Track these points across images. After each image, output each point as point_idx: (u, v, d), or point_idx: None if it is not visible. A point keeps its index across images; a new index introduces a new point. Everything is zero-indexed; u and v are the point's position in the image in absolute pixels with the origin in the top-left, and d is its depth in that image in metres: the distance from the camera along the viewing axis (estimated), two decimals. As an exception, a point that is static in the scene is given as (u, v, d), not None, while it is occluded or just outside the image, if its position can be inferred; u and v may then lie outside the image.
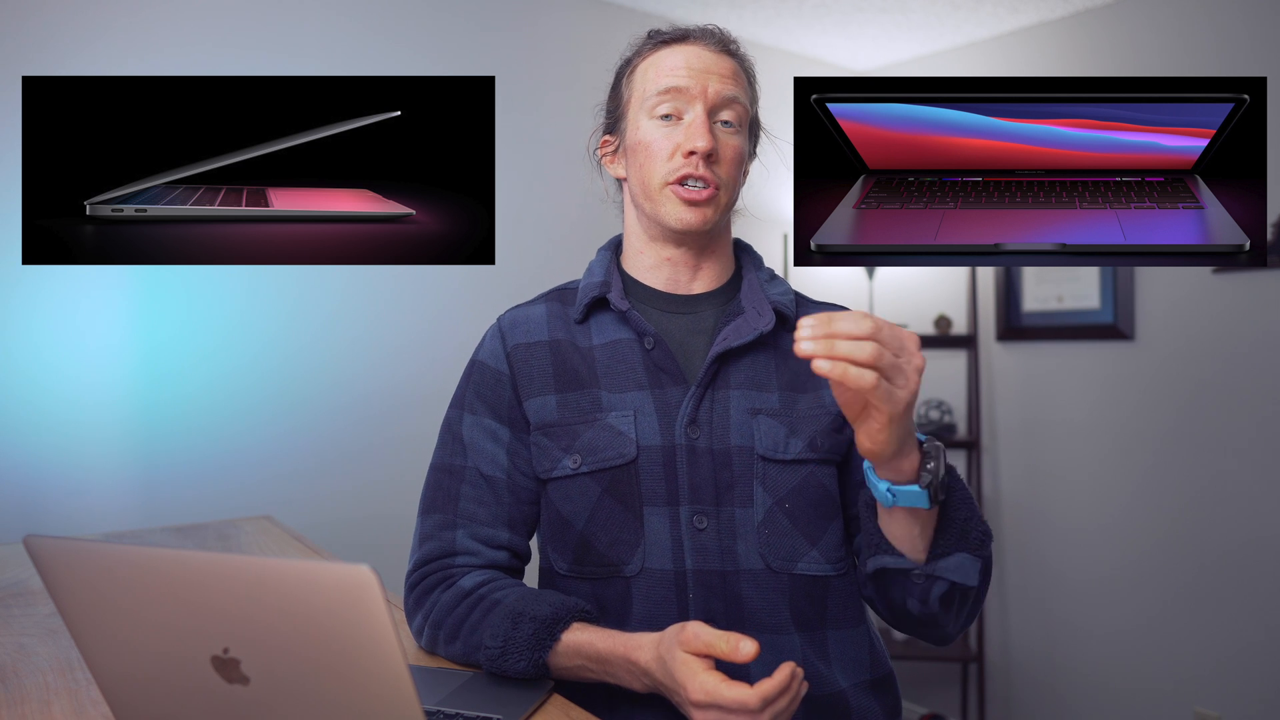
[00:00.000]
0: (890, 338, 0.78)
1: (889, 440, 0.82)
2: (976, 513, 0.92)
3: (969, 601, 0.95)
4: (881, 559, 0.92)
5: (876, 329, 0.77)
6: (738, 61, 1.05)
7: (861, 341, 0.76)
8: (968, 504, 0.92)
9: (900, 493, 0.86)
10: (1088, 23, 2.73)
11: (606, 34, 2.60)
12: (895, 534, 0.91)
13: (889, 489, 0.86)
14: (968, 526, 0.91)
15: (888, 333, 0.78)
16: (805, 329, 0.76)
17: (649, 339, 1.03)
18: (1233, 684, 2.47)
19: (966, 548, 0.91)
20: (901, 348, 0.79)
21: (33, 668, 0.99)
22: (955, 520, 0.90)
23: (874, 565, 0.93)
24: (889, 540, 0.92)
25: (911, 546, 0.91)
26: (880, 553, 0.92)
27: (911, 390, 0.79)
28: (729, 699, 0.78)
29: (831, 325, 0.76)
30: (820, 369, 0.76)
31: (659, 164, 1.01)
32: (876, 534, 0.93)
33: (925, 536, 0.90)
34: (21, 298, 1.87)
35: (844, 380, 0.76)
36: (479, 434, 1.05)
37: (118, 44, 1.96)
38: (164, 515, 1.98)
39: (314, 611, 0.58)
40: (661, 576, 0.98)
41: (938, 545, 0.91)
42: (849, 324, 0.76)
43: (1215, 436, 2.50)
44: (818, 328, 0.76)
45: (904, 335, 0.79)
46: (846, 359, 0.76)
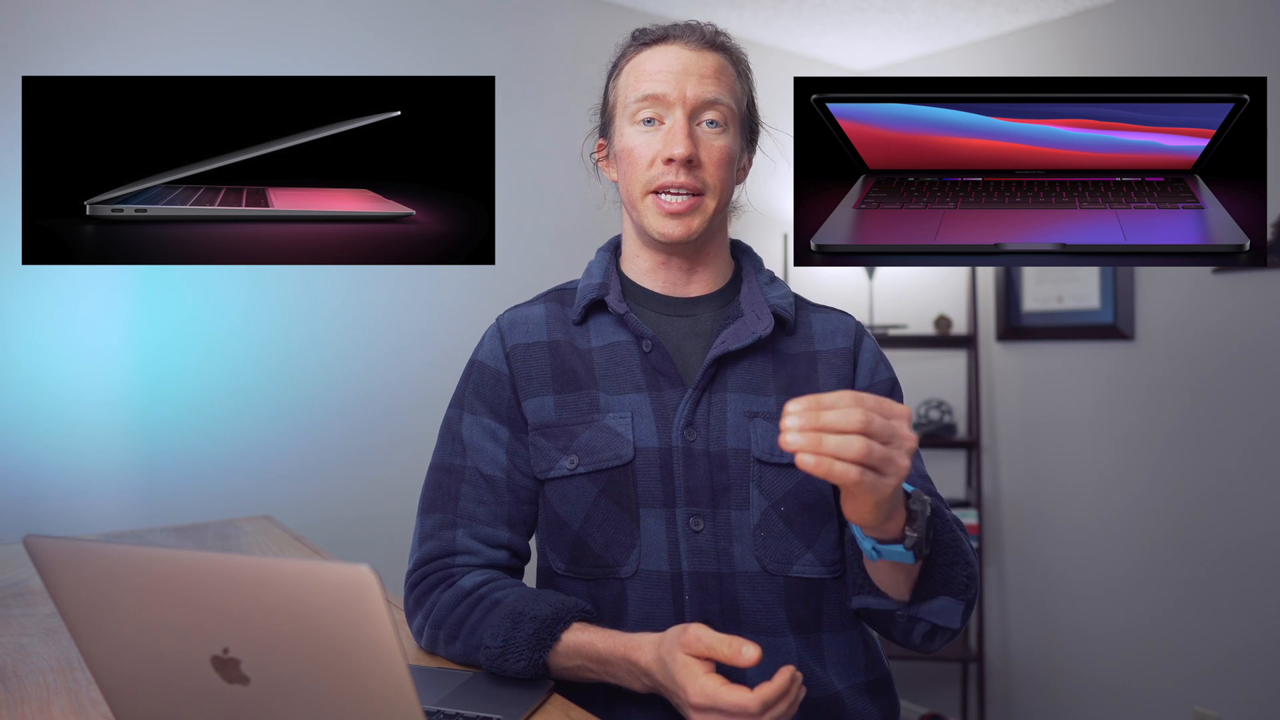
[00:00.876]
0: (881, 428, 0.73)
1: (875, 517, 0.80)
2: (963, 556, 0.92)
3: (951, 635, 0.97)
4: (865, 600, 0.94)
5: (867, 422, 0.72)
6: (724, 55, 1.02)
7: (850, 437, 0.72)
8: (954, 547, 0.91)
9: (885, 550, 0.85)
10: (1088, 23, 2.73)
11: (606, 34, 2.59)
12: (881, 578, 0.92)
13: (874, 547, 0.85)
14: (952, 572, 0.91)
15: (879, 424, 0.73)
16: (791, 417, 0.72)
17: (647, 341, 1.03)
18: (1233, 684, 2.47)
19: (951, 592, 0.91)
20: (893, 435, 0.74)
21: (33, 668, 0.99)
22: (940, 565, 0.91)
23: (857, 604, 0.95)
24: (874, 582, 0.94)
25: (896, 589, 0.92)
26: (864, 593, 0.94)
27: (901, 477, 0.75)
28: (728, 702, 0.78)
29: (820, 418, 0.72)
30: (804, 464, 0.72)
31: (640, 171, 1.00)
32: (861, 575, 0.95)
33: (910, 580, 0.91)
34: (21, 298, 1.87)
35: (828, 478, 0.73)
36: (478, 434, 1.05)
37: (118, 44, 1.96)
38: (164, 515, 1.98)
39: (314, 611, 0.58)
40: (657, 578, 0.98)
41: (921, 588, 0.91)
42: (838, 416, 0.72)
43: (1215, 436, 2.50)
44: (806, 420, 0.72)
45: (896, 421, 0.75)
46: (833, 456, 0.72)
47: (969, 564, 0.93)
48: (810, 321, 1.08)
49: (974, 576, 0.93)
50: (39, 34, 1.88)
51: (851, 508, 0.80)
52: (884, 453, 0.73)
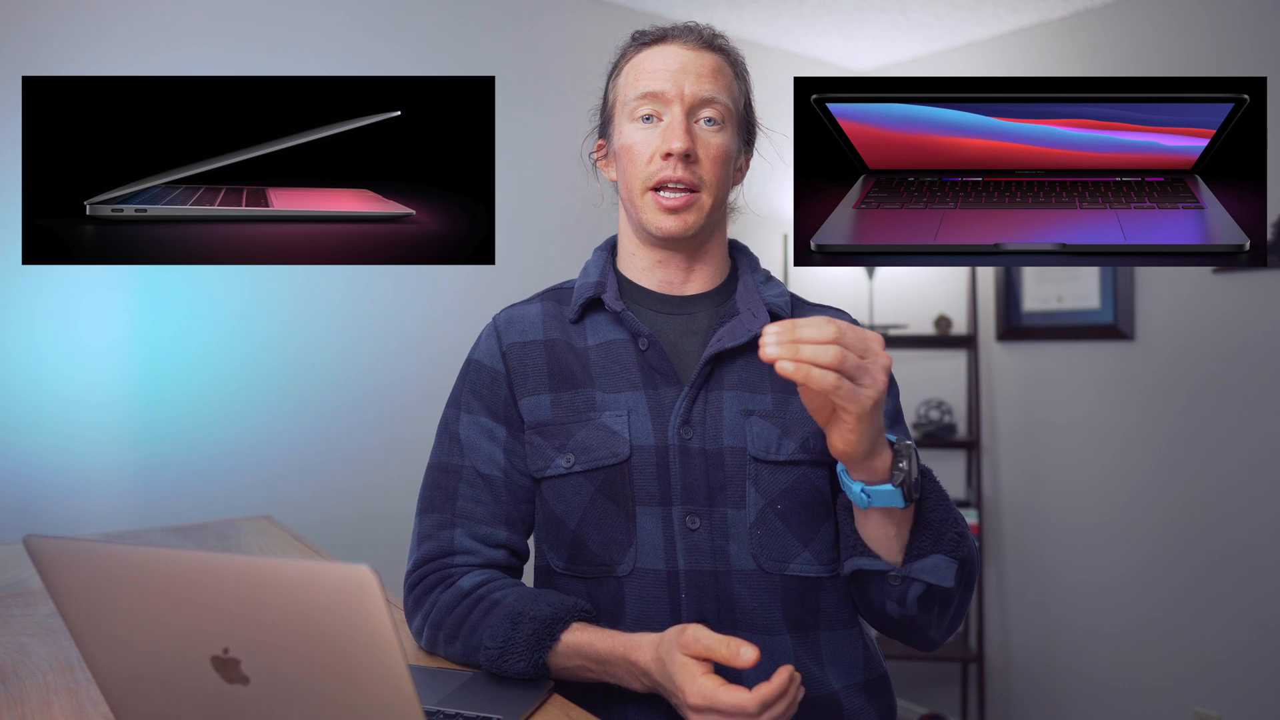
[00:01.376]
0: (854, 340, 0.79)
1: (859, 440, 0.83)
2: (952, 512, 0.93)
3: (950, 605, 0.96)
4: (857, 560, 0.94)
5: (840, 333, 0.78)
6: (722, 56, 1.04)
7: (825, 345, 0.78)
8: (943, 504, 0.92)
9: (874, 492, 0.87)
10: (1088, 23, 2.73)
11: (606, 34, 2.59)
12: (871, 536, 0.92)
13: (863, 489, 0.87)
14: (942, 527, 0.91)
15: (851, 336, 0.79)
16: (770, 334, 0.78)
17: (643, 340, 1.03)
18: (1233, 684, 2.47)
19: (942, 549, 0.91)
20: (866, 349, 0.80)
21: (33, 668, 0.99)
22: (930, 521, 0.91)
23: (850, 567, 0.95)
24: (865, 542, 0.93)
25: (888, 549, 0.92)
26: (856, 555, 0.94)
27: (879, 389, 0.81)
28: (727, 703, 0.78)
29: (796, 331, 0.78)
30: (784, 370, 0.78)
31: (639, 168, 1.02)
32: (853, 536, 0.94)
33: (901, 538, 0.91)
34: (21, 298, 1.87)
35: (807, 381, 0.78)
36: (476, 433, 1.05)
37: (118, 44, 1.96)
38: (164, 515, 1.98)
39: (314, 611, 0.58)
40: (654, 576, 0.98)
41: (913, 547, 0.91)
42: (813, 329, 0.78)
43: (1215, 436, 2.50)
44: (782, 334, 0.78)
45: (868, 337, 0.81)
46: (810, 362, 0.77)
47: (958, 521, 0.93)
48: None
49: (965, 535, 0.93)
50: (39, 34, 1.88)
51: (837, 434, 0.83)
52: (858, 362, 0.79)
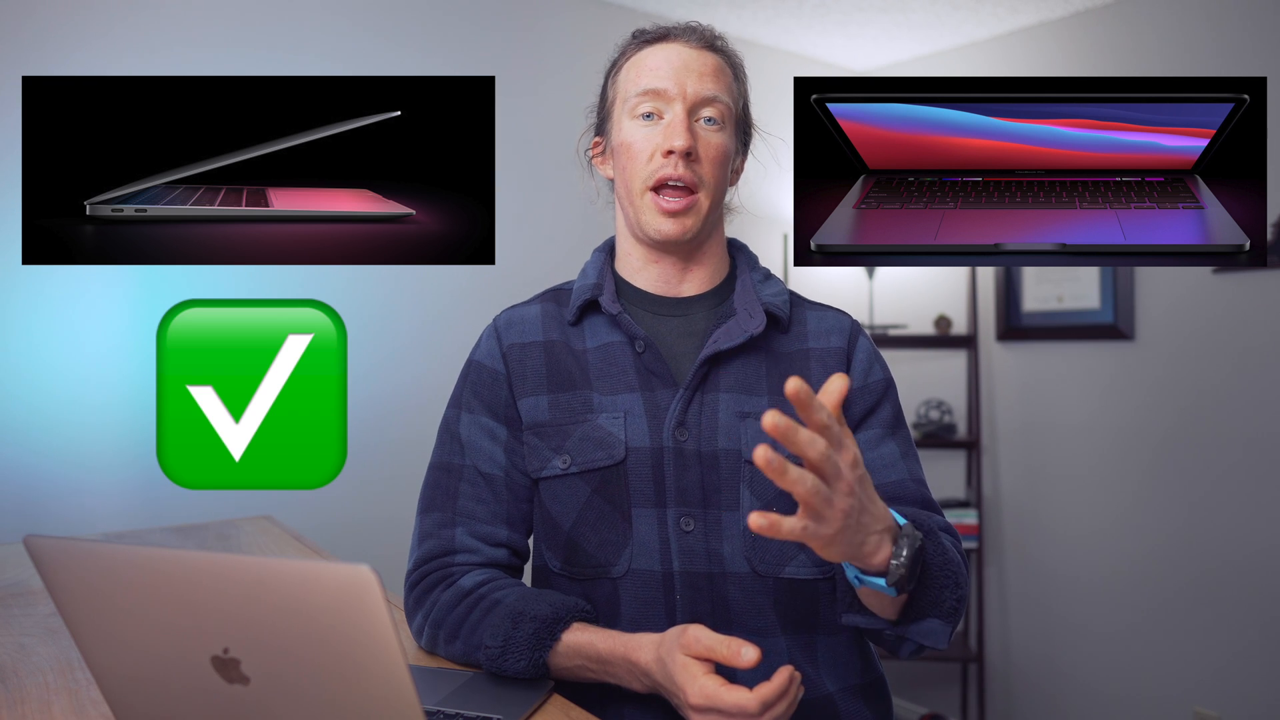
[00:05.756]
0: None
1: (834, 556, 0.77)
2: (954, 579, 0.89)
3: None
4: (853, 618, 0.92)
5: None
6: (722, 58, 1.04)
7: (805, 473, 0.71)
8: (945, 574, 0.89)
9: (867, 581, 0.83)
10: (1088, 23, 2.73)
11: (606, 34, 2.58)
12: (868, 600, 0.90)
13: (856, 575, 0.84)
14: (942, 595, 0.88)
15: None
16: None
17: (640, 342, 1.03)
18: (1232, 684, 2.47)
19: (939, 614, 0.89)
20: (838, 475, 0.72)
21: (33, 668, 0.99)
22: (930, 590, 0.88)
23: (846, 621, 0.93)
24: (861, 600, 0.91)
25: (883, 610, 0.89)
26: (851, 611, 0.92)
27: (834, 526, 0.73)
28: (728, 703, 0.78)
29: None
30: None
31: (640, 165, 1.01)
32: (850, 594, 0.91)
33: (897, 604, 0.88)
34: (21, 298, 1.87)
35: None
36: (477, 432, 1.05)
37: (118, 44, 1.96)
38: (164, 515, 1.98)
39: (314, 611, 0.58)
40: (649, 578, 0.98)
41: (911, 609, 0.89)
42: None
43: (1215, 437, 2.50)
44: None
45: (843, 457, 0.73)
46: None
47: (959, 586, 0.90)
48: (805, 319, 1.08)
49: (964, 598, 0.91)
50: (39, 34, 1.88)
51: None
52: (825, 493, 0.71)
